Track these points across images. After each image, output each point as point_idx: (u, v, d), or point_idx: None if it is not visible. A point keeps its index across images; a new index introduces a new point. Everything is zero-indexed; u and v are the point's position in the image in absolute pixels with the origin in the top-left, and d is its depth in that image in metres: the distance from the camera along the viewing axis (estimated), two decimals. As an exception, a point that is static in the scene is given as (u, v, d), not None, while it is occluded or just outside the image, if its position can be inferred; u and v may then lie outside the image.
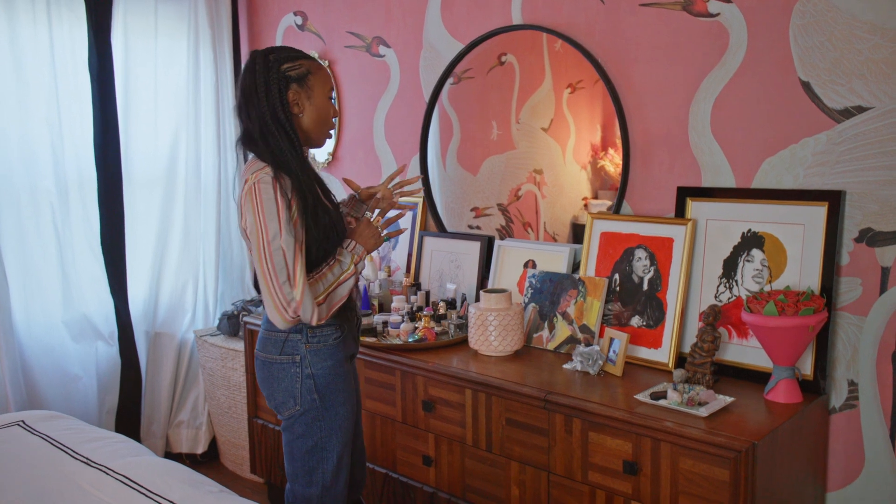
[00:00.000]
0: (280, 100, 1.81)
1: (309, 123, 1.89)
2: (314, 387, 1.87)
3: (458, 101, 2.88)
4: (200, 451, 3.51)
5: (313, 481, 1.92)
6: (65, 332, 3.13)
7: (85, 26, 3.11)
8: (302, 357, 1.87)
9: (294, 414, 1.89)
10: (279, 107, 1.81)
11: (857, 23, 1.91)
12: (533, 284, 2.52)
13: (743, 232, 2.14)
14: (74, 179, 3.13)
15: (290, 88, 1.83)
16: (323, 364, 1.88)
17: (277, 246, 1.72)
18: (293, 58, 1.86)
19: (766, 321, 1.89)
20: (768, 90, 2.08)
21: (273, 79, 1.81)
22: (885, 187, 1.91)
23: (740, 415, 1.84)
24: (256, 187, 1.74)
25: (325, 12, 3.34)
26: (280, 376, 1.88)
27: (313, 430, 1.90)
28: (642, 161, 2.38)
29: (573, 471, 2.00)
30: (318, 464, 1.92)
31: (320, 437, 1.90)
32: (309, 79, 1.86)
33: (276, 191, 1.74)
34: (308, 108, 1.87)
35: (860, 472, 2.00)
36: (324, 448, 1.91)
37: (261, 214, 1.73)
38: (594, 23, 2.43)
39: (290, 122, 1.83)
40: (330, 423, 1.91)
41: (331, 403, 1.90)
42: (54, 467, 1.95)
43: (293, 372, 1.87)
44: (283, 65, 1.83)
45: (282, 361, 1.88)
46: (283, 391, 1.89)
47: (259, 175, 1.75)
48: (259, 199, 1.73)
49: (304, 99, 1.86)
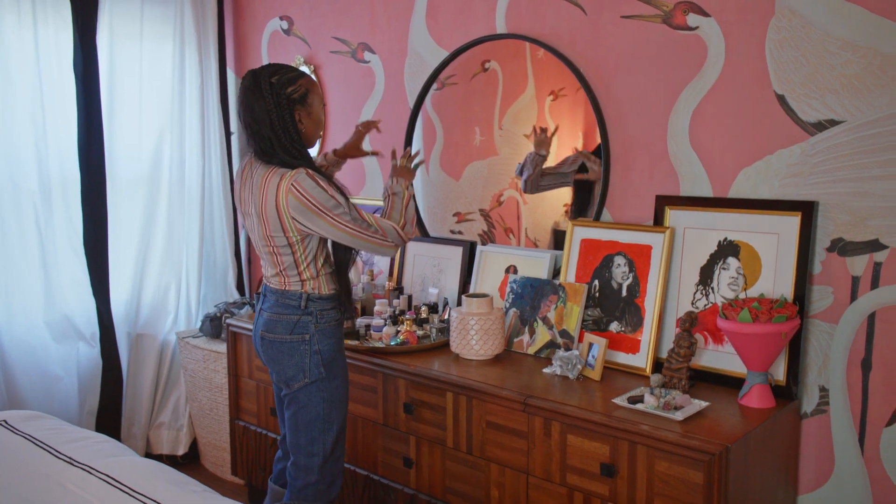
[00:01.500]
0: (291, 121, 2.07)
1: (309, 132, 2.14)
2: (321, 361, 2.12)
3: (441, 106, 2.92)
4: (181, 453, 3.51)
5: (314, 451, 2.14)
6: (46, 333, 3.12)
7: (70, 28, 3.11)
8: (311, 336, 2.12)
9: (302, 386, 2.12)
10: (293, 128, 2.07)
11: (830, 39, 1.97)
12: (514, 289, 2.55)
13: (719, 240, 2.19)
14: (58, 180, 3.13)
15: (295, 110, 2.08)
16: (328, 342, 2.13)
17: (344, 212, 2.03)
18: (293, 80, 2.08)
19: (740, 328, 1.94)
20: (745, 102, 2.14)
21: (283, 104, 2.05)
22: (855, 199, 1.97)
23: (715, 419, 1.89)
24: (297, 185, 1.99)
25: (311, 17, 3.36)
26: (291, 353, 2.12)
27: (316, 399, 2.12)
28: (622, 169, 2.43)
29: (552, 473, 2.04)
30: (319, 434, 2.13)
31: (322, 409, 2.13)
32: (308, 97, 2.10)
33: (315, 180, 2.01)
34: (309, 123, 2.13)
35: (830, 475, 2.05)
36: (325, 419, 2.13)
37: (315, 202, 2.00)
38: (577, 33, 2.47)
39: (299, 136, 2.09)
40: (332, 394, 2.14)
41: (333, 375, 2.14)
42: (38, 467, 1.95)
43: (303, 349, 2.11)
44: (287, 88, 2.06)
45: (292, 340, 2.11)
46: (294, 366, 2.12)
47: (295, 176, 2.00)
48: (306, 193, 1.99)
49: (306, 116, 2.11)
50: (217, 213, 3.62)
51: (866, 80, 1.93)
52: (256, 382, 2.93)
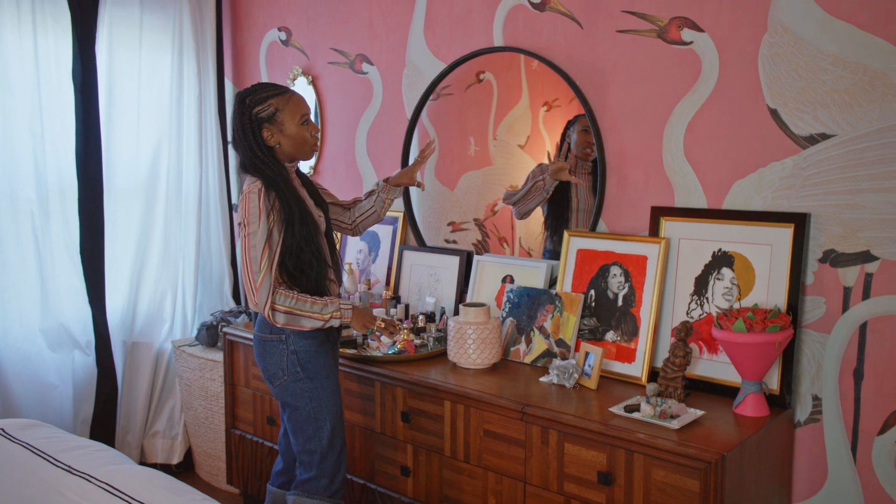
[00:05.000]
0: (255, 140, 2.15)
1: (288, 149, 2.20)
2: (297, 361, 2.18)
3: (436, 117, 2.95)
4: (176, 462, 3.50)
5: (312, 449, 2.21)
6: (42, 341, 3.12)
7: (70, 37, 3.13)
8: (287, 336, 2.18)
9: (282, 384, 2.20)
10: (255, 145, 2.15)
11: (821, 55, 2.02)
12: (511, 299, 2.58)
13: (714, 251, 2.22)
14: (55, 188, 3.14)
15: (262, 128, 2.15)
16: (304, 342, 2.19)
17: (254, 243, 2.07)
18: (263, 99, 2.15)
19: (734, 337, 1.97)
20: (738, 116, 2.18)
21: (247, 122, 2.14)
22: (847, 211, 2.01)
23: (710, 427, 1.91)
24: (248, 196, 2.10)
25: (310, 29, 3.39)
26: (272, 351, 2.21)
27: (302, 401, 2.19)
28: (617, 181, 2.46)
29: (549, 481, 2.05)
30: (314, 432, 2.20)
31: (310, 410, 2.19)
32: (277, 116, 2.16)
33: (260, 199, 2.08)
34: (283, 140, 2.18)
35: (823, 483, 2.08)
36: (317, 419, 2.20)
37: (247, 215, 2.08)
38: (573, 47, 2.51)
39: (268, 155, 2.16)
40: (316, 394, 2.19)
41: (314, 375, 2.19)
42: (36, 475, 1.95)
43: (281, 349, 2.19)
44: (255, 108, 2.14)
45: (272, 339, 2.20)
46: (274, 364, 2.21)
47: (251, 186, 2.11)
48: (248, 205, 2.09)
49: (278, 133, 2.17)
50: (214, 222, 3.63)
51: (857, 95, 1.97)
52: (253, 391, 2.94)
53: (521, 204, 2.64)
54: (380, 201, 2.50)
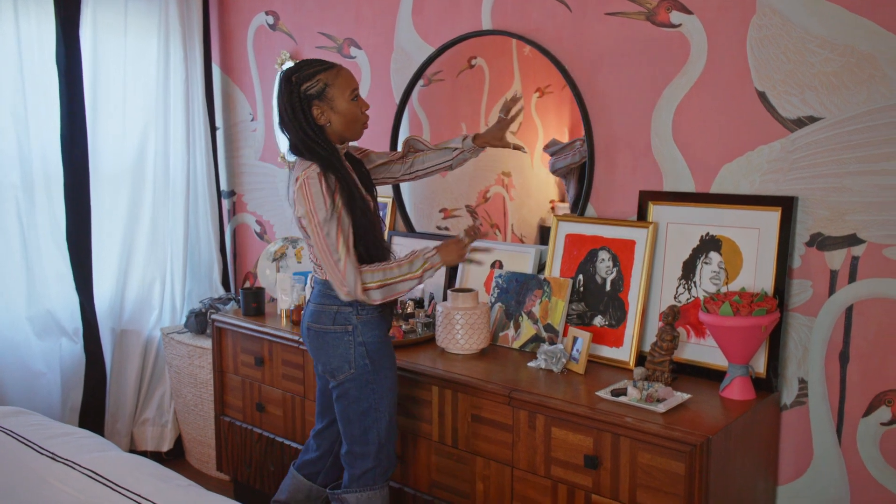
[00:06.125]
0: (305, 119, 2.04)
1: (339, 127, 2.09)
2: (366, 353, 2.10)
3: (428, 102, 2.93)
4: (166, 449, 3.50)
5: (369, 440, 2.13)
6: (29, 329, 3.10)
7: (53, 21, 3.08)
8: (354, 327, 2.10)
9: (349, 377, 2.11)
10: (306, 125, 2.05)
11: (809, 37, 2.00)
12: (499, 284, 2.57)
13: (701, 235, 2.22)
14: (40, 174, 3.11)
15: (312, 106, 2.05)
16: (372, 333, 2.12)
17: (328, 230, 1.98)
18: (311, 76, 2.05)
19: (721, 321, 1.97)
20: (727, 99, 2.17)
21: (296, 101, 2.04)
22: (834, 194, 2.00)
23: (696, 411, 1.92)
24: (307, 182, 1.98)
25: (297, 12, 3.36)
26: (335, 344, 2.11)
27: (366, 393, 2.11)
28: (606, 165, 2.45)
29: (536, 465, 2.06)
30: (372, 424, 2.13)
31: (373, 401, 2.12)
32: (327, 91, 2.05)
33: (322, 184, 1.98)
34: (334, 117, 2.08)
35: (809, 465, 2.09)
36: (376, 410, 2.12)
37: (311, 204, 1.97)
38: (561, 29, 2.49)
39: (320, 134, 2.06)
40: (380, 387, 2.12)
41: (380, 367, 2.12)
42: (20, 463, 1.95)
43: (347, 340, 2.10)
44: (303, 85, 2.04)
45: (335, 331, 2.10)
46: (339, 357, 2.11)
47: (308, 172, 1.99)
48: (309, 192, 1.97)
49: (329, 110, 2.07)
50: (202, 208, 3.60)
51: (844, 78, 1.96)
52: (242, 378, 2.93)
53: (557, 157, 2.55)
54: (460, 159, 2.35)
